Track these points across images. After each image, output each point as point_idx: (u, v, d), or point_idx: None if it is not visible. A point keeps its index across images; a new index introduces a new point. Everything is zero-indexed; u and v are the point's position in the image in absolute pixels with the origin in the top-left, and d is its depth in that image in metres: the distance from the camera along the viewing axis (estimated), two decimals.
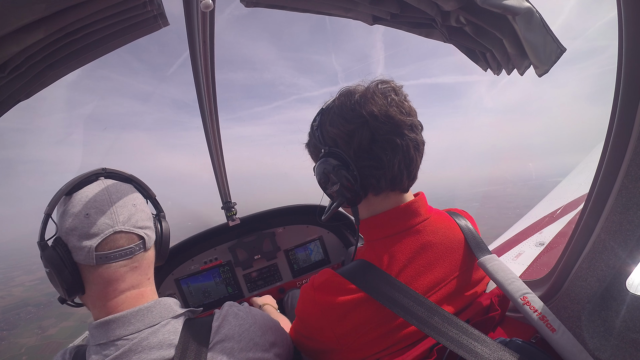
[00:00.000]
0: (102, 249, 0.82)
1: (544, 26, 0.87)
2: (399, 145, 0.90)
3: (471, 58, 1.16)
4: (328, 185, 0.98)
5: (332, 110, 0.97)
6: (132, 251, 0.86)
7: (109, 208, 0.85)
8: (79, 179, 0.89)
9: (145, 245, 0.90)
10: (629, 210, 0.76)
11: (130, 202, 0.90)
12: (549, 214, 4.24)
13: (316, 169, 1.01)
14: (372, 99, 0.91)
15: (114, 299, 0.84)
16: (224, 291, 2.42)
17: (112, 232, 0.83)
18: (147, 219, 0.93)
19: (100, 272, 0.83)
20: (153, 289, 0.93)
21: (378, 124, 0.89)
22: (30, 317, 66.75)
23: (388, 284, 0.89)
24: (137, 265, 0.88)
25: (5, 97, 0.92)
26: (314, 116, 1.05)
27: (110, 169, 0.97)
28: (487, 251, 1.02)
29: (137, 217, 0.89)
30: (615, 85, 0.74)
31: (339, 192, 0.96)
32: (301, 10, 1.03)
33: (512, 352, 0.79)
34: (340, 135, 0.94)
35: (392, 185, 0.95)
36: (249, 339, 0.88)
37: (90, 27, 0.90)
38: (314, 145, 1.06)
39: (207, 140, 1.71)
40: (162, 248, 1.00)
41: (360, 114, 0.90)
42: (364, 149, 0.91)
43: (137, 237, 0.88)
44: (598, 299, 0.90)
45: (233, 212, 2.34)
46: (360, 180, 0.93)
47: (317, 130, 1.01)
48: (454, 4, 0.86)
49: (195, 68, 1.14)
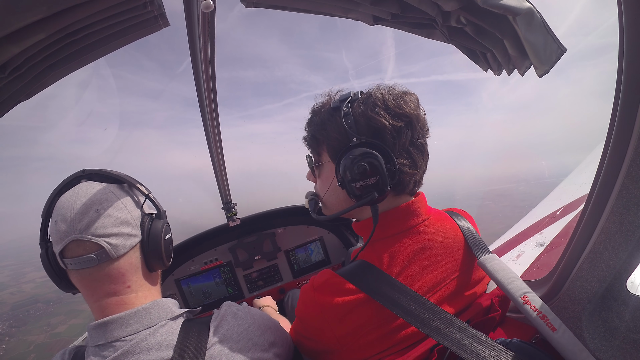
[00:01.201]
0: (65, 256, 0.82)
1: (544, 26, 0.87)
2: (426, 151, 0.98)
3: (472, 58, 1.16)
4: (362, 177, 0.89)
5: (373, 102, 0.92)
6: (91, 260, 0.80)
7: (70, 215, 0.81)
8: (62, 184, 0.89)
9: (109, 254, 0.81)
10: (629, 210, 0.75)
11: (94, 208, 0.82)
12: (550, 214, 4.24)
13: (346, 158, 0.91)
14: (411, 104, 0.94)
15: (97, 302, 0.84)
16: (225, 292, 2.42)
17: (69, 240, 0.80)
18: (113, 225, 0.83)
19: (75, 277, 0.85)
20: (141, 295, 0.87)
21: (418, 126, 0.94)
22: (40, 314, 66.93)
23: (388, 285, 0.88)
24: (106, 274, 0.82)
25: (5, 98, 0.92)
26: (324, 102, 1.01)
27: (90, 169, 0.92)
28: (487, 251, 1.02)
29: (98, 224, 0.81)
30: (616, 85, 0.74)
31: (371, 187, 0.90)
32: (302, 10, 1.03)
33: (512, 353, 0.79)
34: (389, 128, 0.90)
35: (414, 187, 0.99)
36: (247, 339, 0.88)
37: (91, 27, 0.90)
38: (337, 131, 0.95)
39: (207, 141, 1.71)
40: (150, 252, 0.89)
41: (407, 113, 0.92)
42: (405, 148, 0.93)
43: (96, 245, 0.81)
44: (599, 299, 0.90)
45: (233, 212, 2.34)
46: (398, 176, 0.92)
47: (348, 115, 0.92)
48: (454, 4, 0.86)
49: (195, 69, 1.14)
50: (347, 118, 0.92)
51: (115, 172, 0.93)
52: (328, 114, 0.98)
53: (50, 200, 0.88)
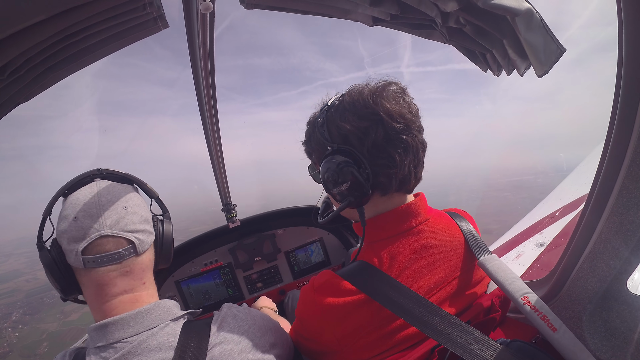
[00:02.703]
0: (89, 253, 0.81)
1: (543, 27, 0.87)
2: (410, 145, 0.91)
3: (471, 59, 1.16)
4: (336, 184, 0.93)
5: (342, 107, 0.94)
6: (120, 256, 0.83)
7: (97, 211, 0.82)
8: (74, 181, 0.89)
9: (137, 249, 0.86)
10: (629, 210, 0.75)
11: (121, 205, 0.86)
12: (550, 214, 4.24)
13: (322, 167, 0.96)
14: (386, 98, 0.90)
15: (107, 302, 0.83)
16: (225, 293, 2.41)
17: (98, 236, 0.81)
18: (139, 222, 0.88)
19: (91, 275, 0.83)
20: (151, 293, 0.90)
21: (393, 122, 0.89)
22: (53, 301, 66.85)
23: (388, 285, 0.88)
24: (129, 270, 0.85)
25: (4, 100, 0.92)
26: (316, 113, 1.03)
27: (106, 169, 0.94)
28: (487, 251, 1.02)
29: (126, 220, 0.85)
30: (616, 84, 0.74)
31: (347, 191, 0.93)
32: (301, 12, 1.03)
33: (513, 353, 0.79)
34: (353, 132, 0.91)
35: (401, 185, 0.95)
36: (248, 340, 0.88)
37: (90, 29, 0.90)
38: (317, 142, 1.01)
39: (207, 142, 1.71)
40: (163, 251, 0.95)
41: (375, 111, 0.89)
42: (378, 147, 0.90)
43: (126, 241, 0.84)
44: (599, 299, 0.90)
45: (233, 214, 2.34)
46: (372, 178, 0.92)
47: (322, 126, 0.97)
48: (453, 5, 0.86)
49: (195, 70, 1.14)
50: (322, 128, 0.97)
51: (126, 173, 0.97)
52: (312, 126, 1.03)
53: (56, 198, 0.88)
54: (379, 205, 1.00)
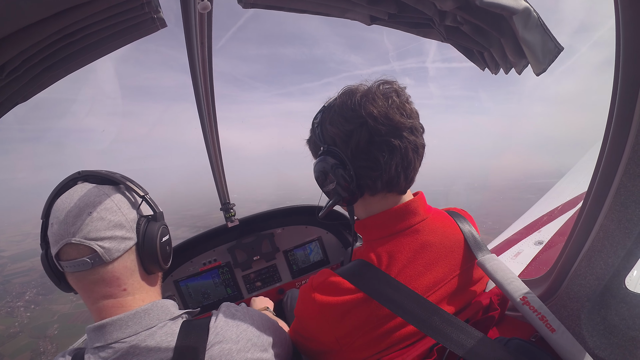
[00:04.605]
0: (60, 259, 0.82)
1: (541, 25, 0.88)
2: (396, 147, 0.90)
3: (469, 57, 1.16)
4: (325, 182, 0.99)
5: (333, 109, 0.96)
6: (85, 264, 0.80)
7: (65, 218, 0.81)
8: (59, 186, 0.89)
9: (102, 258, 0.80)
10: (627, 208, 0.76)
11: (87, 211, 0.81)
12: (548, 212, 4.25)
13: (314, 166, 1.02)
14: (373, 100, 0.90)
15: (94, 304, 0.84)
16: (223, 292, 2.41)
17: (63, 243, 0.80)
18: (106, 229, 0.82)
19: (72, 279, 0.85)
20: (138, 298, 0.86)
21: (377, 125, 0.89)
22: None
23: (387, 284, 0.88)
24: (99, 278, 0.82)
25: (3, 100, 0.91)
26: (316, 113, 1.04)
27: (87, 171, 0.91)
28: (487, 250, 1.02)
29: (90, 228, 0.80)
30: (613, 83, 0.74)
31: (335, 190, 0.97)
32: (299, 11, 1.03)
33: (511, 351, 0.79)
34: (339, 134, 0.93)
35: (388, 186, 0.95)
36: (247, 339, 0.88)
37: (88, 29, 0.89)
38: (313, 142, 1.06)
39: (205, 141, 1.70)
40: (146, 255, 0.88)
41: (360, 114, 0.90)
42: (361, 149, 0.91)
43: (89, 249, 0.80)
44: (597, 297, 0.91)
45: (232, 213, 2.34)
46: (356, 180, 0.93)
47: (317, 127, 1.00)
48: (451, 3, 0.86)
49: (193, 70, 1.14)
50: (317, 128, 1.00)
51: (111, 173, 0.91)
52: (312, 125, 1.06)
53: (49, 201, 0.88)
54: (373, 205, 1.00)
